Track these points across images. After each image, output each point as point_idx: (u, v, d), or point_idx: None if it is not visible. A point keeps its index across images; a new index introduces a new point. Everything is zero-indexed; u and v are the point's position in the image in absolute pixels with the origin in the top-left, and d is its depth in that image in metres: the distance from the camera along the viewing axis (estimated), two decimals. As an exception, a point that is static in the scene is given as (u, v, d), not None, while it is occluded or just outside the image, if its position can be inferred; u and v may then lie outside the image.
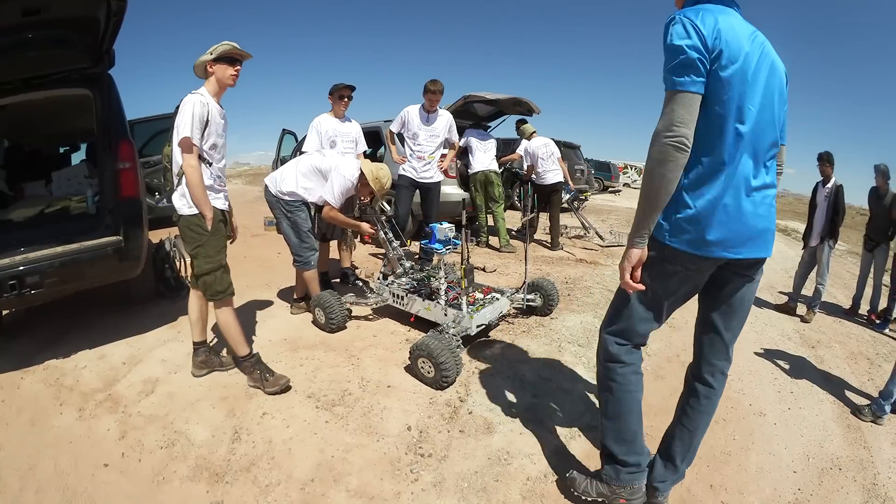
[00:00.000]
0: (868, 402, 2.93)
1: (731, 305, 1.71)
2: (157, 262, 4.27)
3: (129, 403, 2.65)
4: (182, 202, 2.62)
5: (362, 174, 3.45)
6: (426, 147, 4.77)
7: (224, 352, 2.95)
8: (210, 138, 2.64)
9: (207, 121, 2.58)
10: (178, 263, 4.48)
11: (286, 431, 2.32)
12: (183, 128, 2.50)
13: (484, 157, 6.24)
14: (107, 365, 3.12)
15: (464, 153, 6.41)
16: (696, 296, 1.75)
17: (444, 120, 4.85)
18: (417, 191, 4.97)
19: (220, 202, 2.75)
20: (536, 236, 7.18)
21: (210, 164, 2.68)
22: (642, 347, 1.84)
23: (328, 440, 2.25)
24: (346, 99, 4.15)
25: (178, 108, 2.80)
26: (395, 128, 4.92)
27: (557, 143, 11.11)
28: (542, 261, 5.93)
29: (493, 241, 6.56)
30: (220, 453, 2.20)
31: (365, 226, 3.59)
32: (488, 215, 6.47)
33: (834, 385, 3.26)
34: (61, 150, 6.37)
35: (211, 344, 3.04)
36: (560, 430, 2.35)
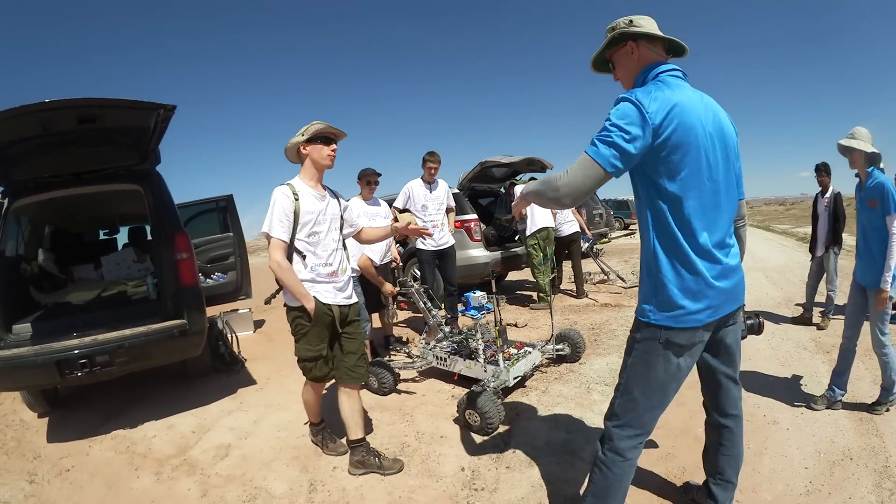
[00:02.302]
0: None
1: (729, 352, 1.91)
2: (211, 339, 4.81)
3: (205, 466, 3.05)
4: (287, 295, 2.66)
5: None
6: (436, 217, 5.32)
7: (384, 454, 2.88)
8: (305, 228, 2.58)
9: (296, 212, 2.54)
10: (230, 339, 5.01)
11: (356, 480, 2.76)
12: (265, 222, 2.53)
13: (545, 212, 6.42)
14: (177, 434, 3.55)
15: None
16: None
17: (444, 187, 5.47)
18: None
19: (325, 295, 2.65)
20: (562, 286, 7.70)
21: (305, 256, 2.61)
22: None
23: (394, 484, 2.70)
24: (373, 184, 4.68)
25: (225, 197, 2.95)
26: (399, 204, 5.34)
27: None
28: (569, 310, 6.44)
29: (531, 294, 7.06)
30: (299, 502, 2.62)
31: (388, 286, 4.14)
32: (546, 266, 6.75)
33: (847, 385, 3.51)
34: (101, 234, 6.90)
35: (369, 442, 2.92)
36: (590, 458, 2.75)
